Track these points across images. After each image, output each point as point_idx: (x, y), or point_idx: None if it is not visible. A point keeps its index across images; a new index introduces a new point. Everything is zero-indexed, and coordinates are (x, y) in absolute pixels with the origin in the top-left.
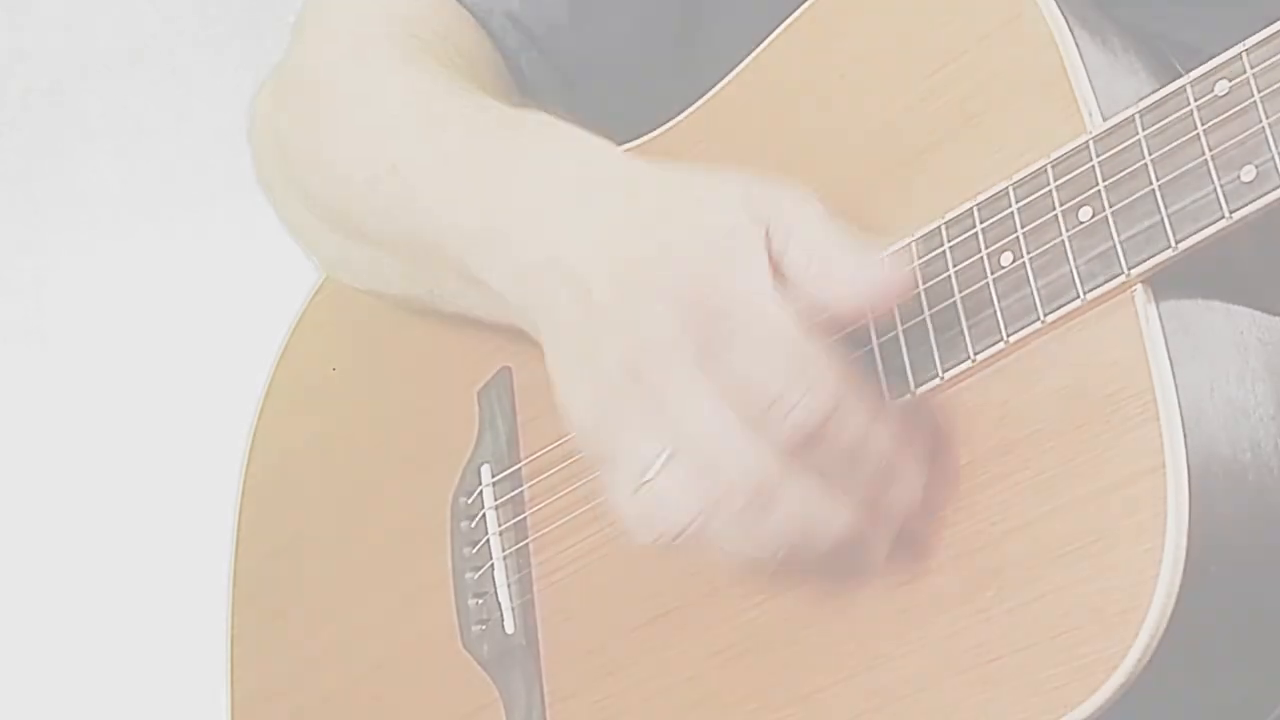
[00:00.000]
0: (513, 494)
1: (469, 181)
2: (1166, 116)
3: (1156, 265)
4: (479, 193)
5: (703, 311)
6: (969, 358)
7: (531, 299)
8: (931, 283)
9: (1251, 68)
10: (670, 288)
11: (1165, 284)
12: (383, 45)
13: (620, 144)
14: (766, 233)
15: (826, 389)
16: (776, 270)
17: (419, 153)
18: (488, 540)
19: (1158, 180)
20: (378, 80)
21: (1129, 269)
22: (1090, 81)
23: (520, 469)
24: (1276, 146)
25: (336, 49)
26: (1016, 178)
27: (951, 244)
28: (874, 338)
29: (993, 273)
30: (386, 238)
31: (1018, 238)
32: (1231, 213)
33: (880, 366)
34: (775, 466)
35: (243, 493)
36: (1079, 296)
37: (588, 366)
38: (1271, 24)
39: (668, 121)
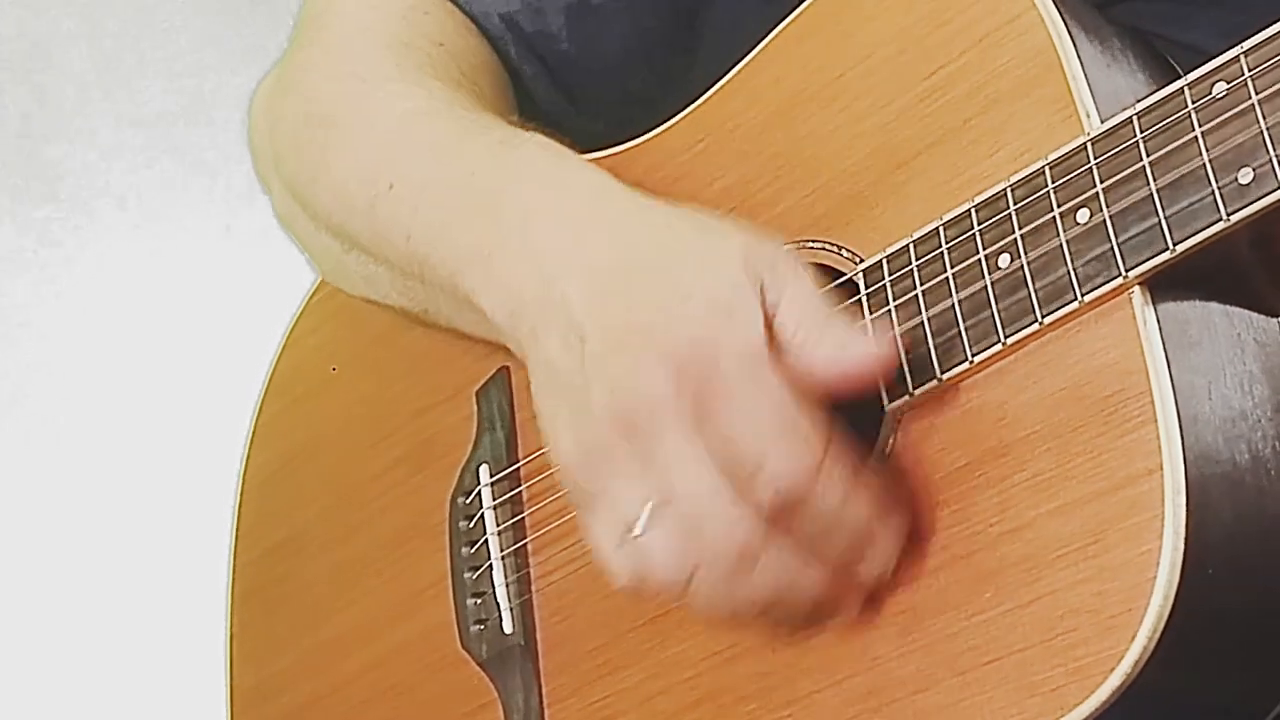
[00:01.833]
0: (511, 494)
1: (465, 204)
2: (1164, 118)
3: (1155, 267)
4: (474, 216)
5: (698, 371)
6: (967, 359)
7: (523, 332)
8: (930, 284)
9: (1249, 70)
10: (668, 347)
11: (1163, 286)
12: (382, 61)
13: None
14: (761, 290)
15: (810, 456)
16: (769, 329)
17: (416, 173)
18: (486, 540)
19: (1156, 182)
20: (377, 99)
21: (1127, 271)
22: (1088, 83)
23: (518, 469)
24: (1274, 149)
25: (335, 65)
26: (1015, 179)
27: (949, 245)
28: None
29: (991, 274)
30: (384, 255)
31: (1016, 239)
32: (1229, 215)
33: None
34: (759, 531)
35: (241, 491)
36: (1077, 299)
37: (577, 412)
38: (1269, 26)
39: (664, 122)
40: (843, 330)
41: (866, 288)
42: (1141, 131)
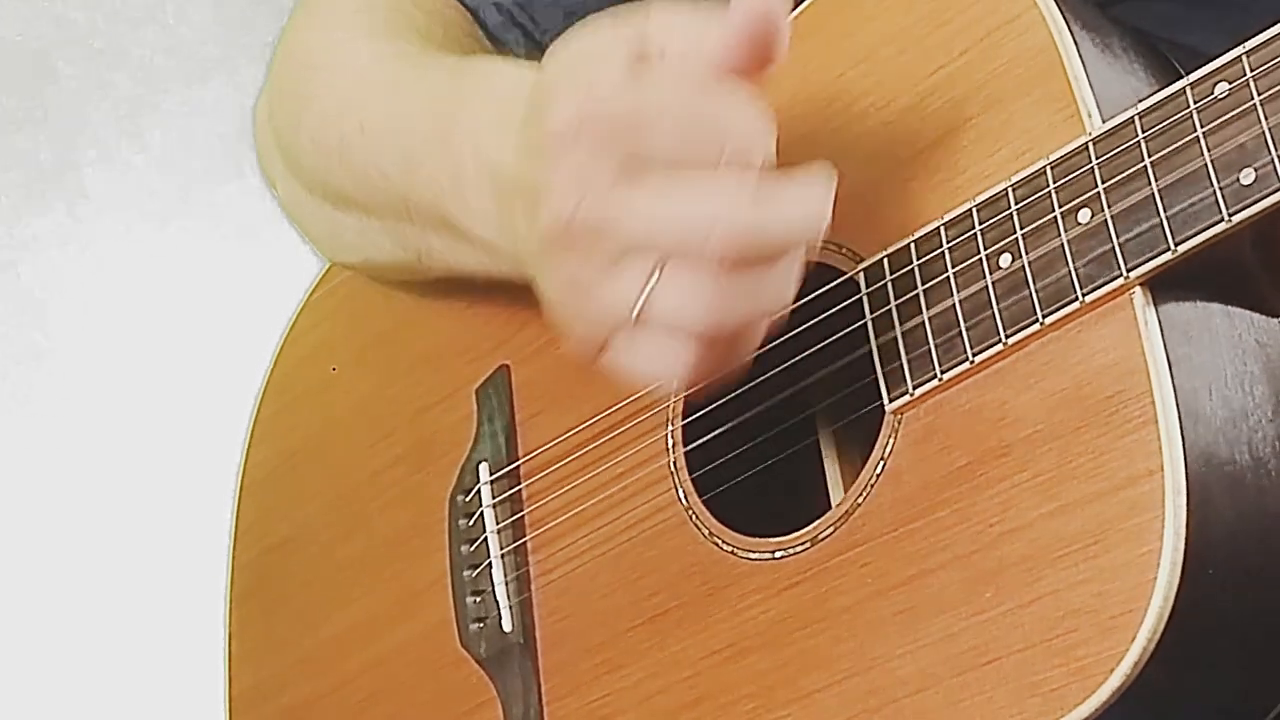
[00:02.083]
0: (510, 492)
1: (430, 134)
2: (1166, 118)
3: (1156, 268)
4: (442, 149)
5: (593, 129)
6: (968, 359)
7: (505, 229)
8: (930, 284)
9: (1251, 70)
10: (555, 141)
11: (1164, 286)
12: (360, 18)
13: None
14: (635, 37)
15: (747, 116)
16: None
17: (382, 112)
18: (485, 538)
19: (1157, 182)
20: (350, 49)
21: (1128, 271)
22: (1090, 82)
23: (518, 467)
24: (1276, 149)
25: (321, 22)
26: (1016, 179)
27: (950, 245)
28: (873, 339)
29: (992, 274)
30: (369, 200)
31: (1017, 239)
32: (1231, 215)
33: (879, 367)
34: (747, 195)
35: (240, 490)
36: (1078, 299)
37: (550, 270)
38: (1271, 26)
39: None
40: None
41: (867, 287)
42: (1143, 131)
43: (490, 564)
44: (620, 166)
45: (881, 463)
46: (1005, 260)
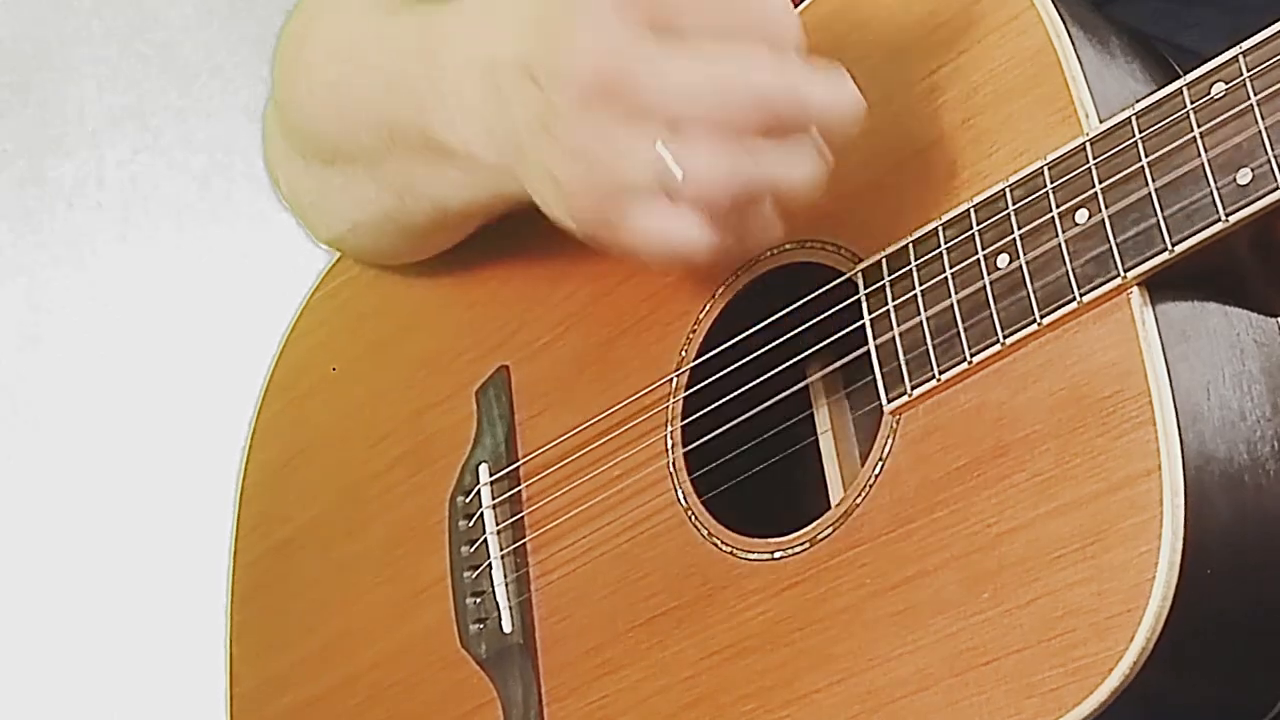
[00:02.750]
0: (510, 493)
1: (417, 54)
2: (1163, 119)
3: (1153, 268)
4: (426, 61)
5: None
6: (965, 359)
7: (498, 137)
8: (929, 284)
9: (1248, 70)
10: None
11: (1162, 286)
12: None
13: None
14: None
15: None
16: None
17: (373, 49)
18: (485, 539)
19: (1154, 183)
20: (345, 6)
21: (1125, 271)
22: (1087, 83)
23: (518, 468)
24: (1272, 149)
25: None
26: (1014, 179)
27: (948, 245)
28: (871, 339)
29: (989, 275)
30: (354, 143)
31: (1015, 240)
32: (1228, 215)
33: (878, 367)
34: (773, 64)
35: (241, 491)
36: (1075, 299)
37: (560, 141)
38: (1268, 26)
39: None
40: None
41: (865, 287)
42: (1140, 132)
43: (490, 565)
44: (650, 27)
45: (880, 463)
46: (1003, 260)
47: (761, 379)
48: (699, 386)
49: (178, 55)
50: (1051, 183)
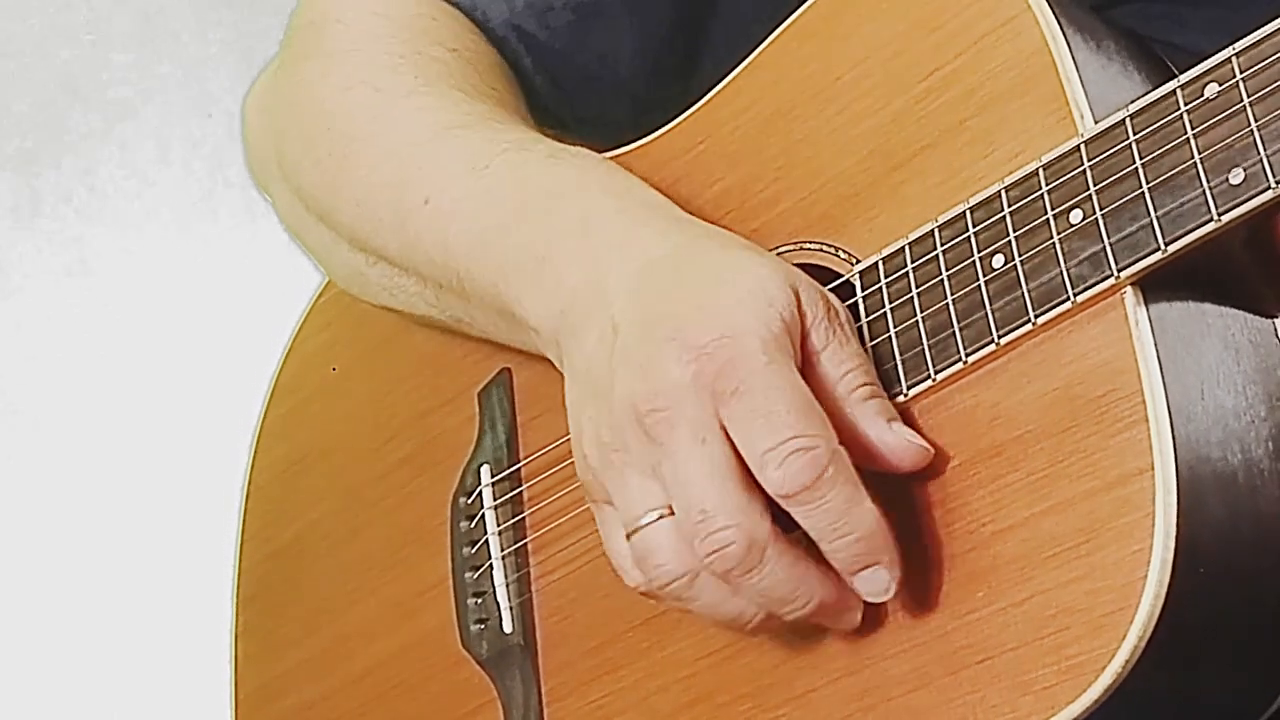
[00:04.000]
0: (512, 494)
1: (513, 214)
2: (1157, 120)
3: (1146, 268)
4: (528, 222)
5: (718, 362)
6: (960, 359)
7: (564, 333)
8: (925, 286)
9: (1241, 71)
10: (693, 337)
11: (1156, 286)
12: (399, 71)
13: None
14: (797, 297)
15: (825, 452)
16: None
17: (454, 186)
18: (487, 540)
19: (1147, 183)
20: (401, 111)
21: (1119, 271)
22: (1082, 84)
23: (519, 469)
24: (1265, 149)
25: (347, 76)
26: (1009, 180)
27: (944, 247)
28: (868, 340)
29: (985, 275)
30: (415, 269)
31: (1009, 240)
32: (1220, 215)
33: (874, 368)
34: (764, 533)
35: (246, 493)
36: (1069, 299)
37: (600, 403)
38: (1261, 27)
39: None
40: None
41: (863, 289)
42: (1134, 133)
43: (491, 566)
44: (712, 395)
45: None
46: (998, 261)
47: None
48: None
49: (179, 55)
50: (1046, 184)
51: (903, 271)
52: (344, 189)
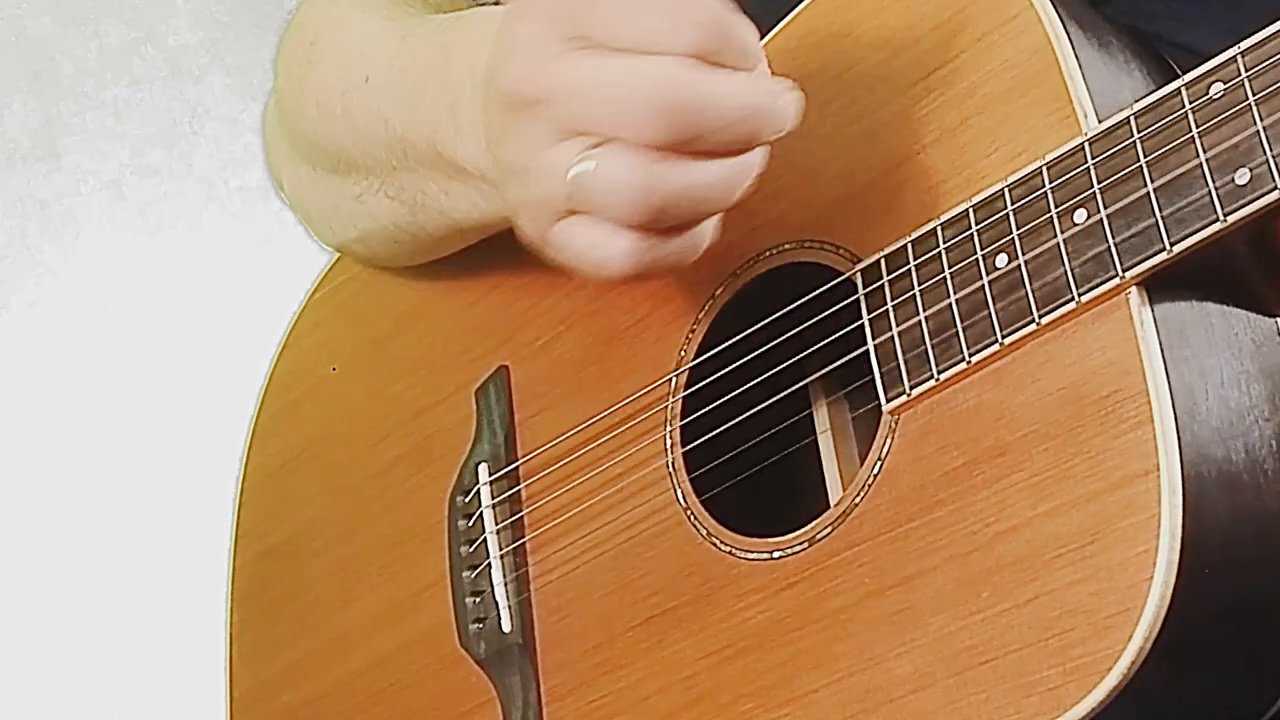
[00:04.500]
0: (509, 493)
1: (428, 72)
2: (1161, 119)
3: (1151, 268)
4: (436, 77)
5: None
6: (964, 359)
7: (488, 139)
8: (927, 284)
9: (1246, 70)
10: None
11: (1160, 286)
12: None
13: None
14: None
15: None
16: None
17: (385, 61)
18: (485, 539)
19: (1152, 183)
20: (355, 17)
21: (1123, 271)
22: (1086, 83)
23: (517, 468)
24: (1271, 149)
25: (321, 4)
26: (1012, 179)
27: (947, 245)
28: (870, 339)
29: (988, 275)
30: (369, 156)
31: (1013, 240)
32: (1226, 215)
33: (876, 367)
34: (687, 72)
35: (241, 491)
36: (1074, 299)
37: (499, 159)
38: (1266, 26)
39: None
40: None
41: (864, 287)
42: (1139, 132)
43: (489, 564)
44: (568, 39)
45: (879, 463)
46: (1002, 260)
47: (760, 379)
48: (698, 386)
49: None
50: (1050, 183)
51: (905, 269)
52: (307, 90)
